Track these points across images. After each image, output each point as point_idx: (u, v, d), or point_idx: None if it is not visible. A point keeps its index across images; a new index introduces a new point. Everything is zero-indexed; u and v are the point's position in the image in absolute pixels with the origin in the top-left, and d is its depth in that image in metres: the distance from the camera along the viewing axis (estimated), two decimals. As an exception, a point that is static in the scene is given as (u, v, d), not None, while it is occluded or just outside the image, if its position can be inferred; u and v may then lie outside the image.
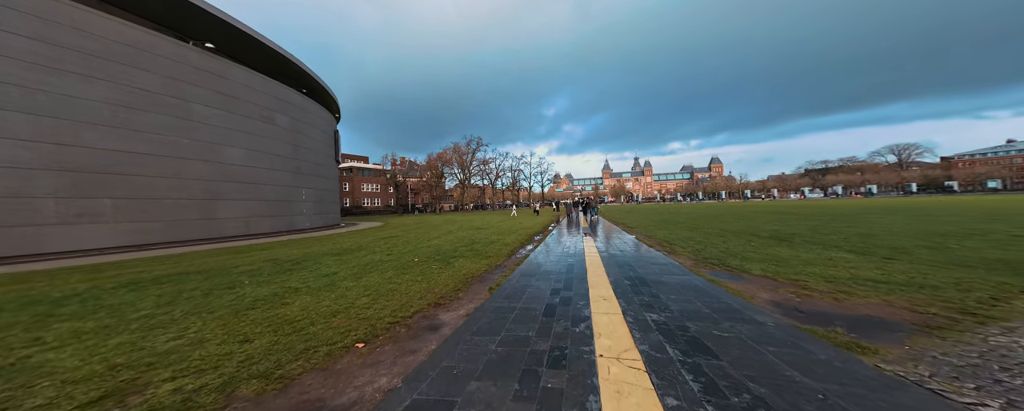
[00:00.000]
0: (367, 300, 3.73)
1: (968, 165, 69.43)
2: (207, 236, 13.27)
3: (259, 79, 15.99)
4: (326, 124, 22.18)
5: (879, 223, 9.33)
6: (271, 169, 16.22)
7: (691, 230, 9.95)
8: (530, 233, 11.51)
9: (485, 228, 14.31)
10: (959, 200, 24.17)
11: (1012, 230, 6.86)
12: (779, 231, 8.56)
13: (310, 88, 21.12)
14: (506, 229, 13.23)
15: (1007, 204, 15.78)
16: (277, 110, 16.85)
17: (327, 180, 21.79)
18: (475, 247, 8.17)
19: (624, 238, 8.92)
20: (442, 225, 17.83)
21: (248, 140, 15.18)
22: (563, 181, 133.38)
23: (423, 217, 33.73)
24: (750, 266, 4.65)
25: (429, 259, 6.55)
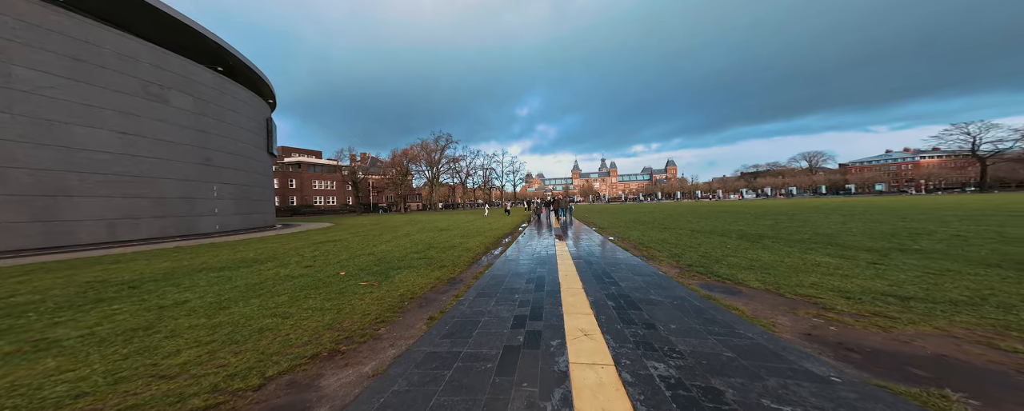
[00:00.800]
0: (190, 356, 2.23)
1: (859, 171, 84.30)
2: (47, 245, 9.83)
3: (145, 48, 12.44)
4: (253, 110, 18.53)
5: (825, 222, 9.88)
6: (161, 159, 12.72)
7: (662, 230, 9.64)
8: (498, 235, 10.38)
9: (449, 229, 12.86)
10: (861, 200, 28.55)
11: (950, 229, 7.45)
12: (744, 231, 8.53)
13: (230, 67, 17.40)
14: (473, 230, 11.94)
15: (899, 204, 18.63)
16: (174, 87, 13.35)
17: (255, 175, 18.23)
18: (430, 253, 6.79)
19: (598, 240, 8.21)
20: (402, 226, 15.92)
21: (122, 121, 11.68)
22: (535, 181, 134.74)
23: (384, 217, 30.74)
24: (742, 276, 4.02)
25: (362, 272, 5.05)
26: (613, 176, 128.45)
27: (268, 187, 20.47)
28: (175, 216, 13.16)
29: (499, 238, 9.60)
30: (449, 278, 4.74)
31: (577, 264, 5.27)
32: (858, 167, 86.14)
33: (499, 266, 5.44)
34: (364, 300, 3.61)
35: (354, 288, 4.11)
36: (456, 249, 7.36)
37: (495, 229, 12.20)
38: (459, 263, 5.81)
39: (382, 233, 12.16)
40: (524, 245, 7.84)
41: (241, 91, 17.24)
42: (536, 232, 10.75)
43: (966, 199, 22.70)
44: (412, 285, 4.25)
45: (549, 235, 9.76)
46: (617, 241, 7.89)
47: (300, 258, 6.60)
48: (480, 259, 6.35)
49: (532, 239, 8.99)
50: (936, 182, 65.23)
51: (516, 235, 10.32)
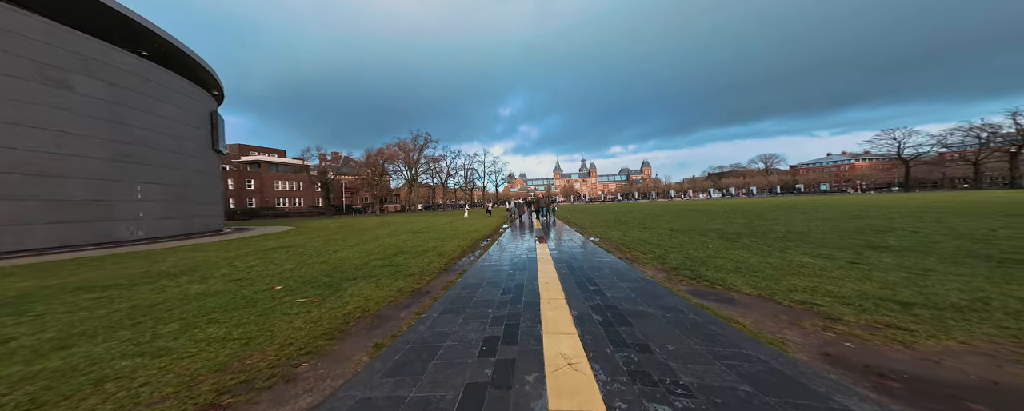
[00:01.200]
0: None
1: (806, 172, 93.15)
2: None
3: (38, 25, 10.33)
4: (192, 102, 16.25)
5: (791, 221, 10.30)
6: (60, 154, 10.57)
7: (642, 230, 9.52)
8: (477, 237, 9.75)
9: (425, 231, 12.00)
10: (811, 199, 31.22)
11: (906, 225, 7.91)
12: (722, 230, 8.59)
13: (160, 52, 15.10)
14: (450, 233, 11.19)
15: (845, 202, 20.35)
16: (81, 72, 11.23)
17: (195, 173, 16.00)
18: (397, 260, 6.03)
19: (579, 241, 7.86)
20: (372, 228, 14.75)
21: (8, 110, 9.56)
22: (517, 181, 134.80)
23: (356, 219, 28.79)
24: (732, 280, 3.75)
25: (305, 286, 4.23)
26: (593, 176, 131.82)
27: (214, 187, 18.15)
28: (82, 221, 11.05)
29: (478, 241, 8.98)
30: (413, 289, 4.08)
31: (559, 269, 4.81)
32: (805, 168, 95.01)
33: (474, 273, 4.84)
34: (293, 323, 2.87)
35: (285, 307, 3.32)
36: (428, 254, 6.65)
37: (474, 231, 11.55)
38: (429, 270, 5.14)
39: (347, 237, 11.06)
40: (504, 248, 7.30)
41: (175, 80, 15.04)
42: (518, 234, 10.25)
43: (896, 197, 25.53)
44: (365, 300, 3.55)
45: (531, 237, 9.30)
46: (599, 242, 7.58)
47: (231, 270, 5.55)
48: (454, 265, 5.72)
49: (513, 241, 8.48)
50: (868, 182, 73.62)
51: (496, 237, 9.76)
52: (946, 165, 55.77)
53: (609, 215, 17.92)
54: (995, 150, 42.62)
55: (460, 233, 10.93)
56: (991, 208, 11.45)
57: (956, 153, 49.98)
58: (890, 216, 10.14)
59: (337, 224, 20.55)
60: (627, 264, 5.02)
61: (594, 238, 8.38)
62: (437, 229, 12.97)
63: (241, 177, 43.05)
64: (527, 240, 8.57)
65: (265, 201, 44.11)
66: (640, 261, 5.25)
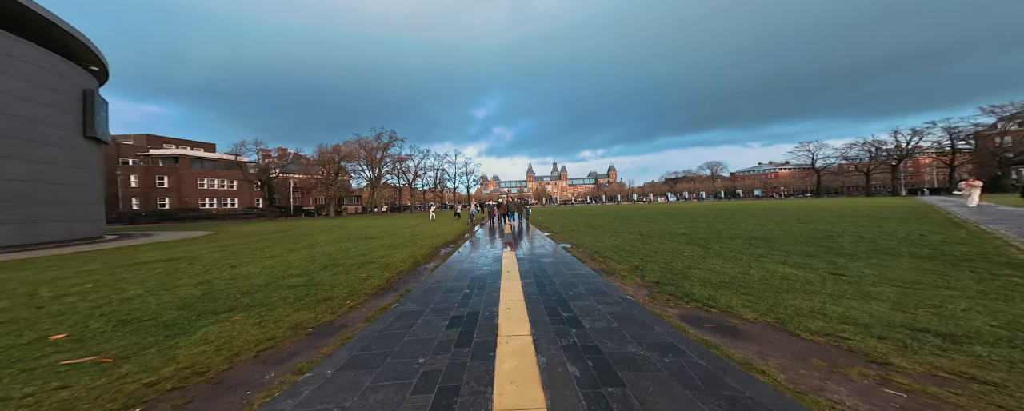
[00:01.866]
0: None
1: (743, 178, 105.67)
2: None
3: None
4: (51, 77, 12.44)
5: (746, 224, 10.66)
6: None
7: (614, 235, 9.08)
8: (439, 244, 8.53)
9: (378, 237, 10.38)
10: (750, 203, 34.84)
11: (847, 228, 8.40)
12: (689, 234, 8.45)
13: (6, 14, 11.38)
14: (408, 238, 9.75)
15: (779, 206, 22.77)
16: None
17: (53, 167, 12.29)
18: (321, 277, 4.68)
19: (551, 249, 7.10)
20: (316, 234, 12.62)
21: None
22: (490, 183, 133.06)
23: (301, 222, 25.24)
24: (725, 300, 3.16)
25: (118, 329, 2.78)
26: (564, 179, 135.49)
27: (88, 184, 14.23)
28: None
29: (438, 248, 7.80)
30: (318, 325, 2.87)
31: (526, 287, 3.90)
32: (742, 175, 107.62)
33: (419, 295, 3.73)
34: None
35: (28, 378, 1.92)
36: (369, 267, 5.34)
37: (437, 236, 10.25)
38: (360, 292, 3.91)
39: (273, 245, 9.08)
40: (465, 258, 6.23)
41: (20, 47, 11.43)
42: (486, 239, 9.22)
43: (814, 202, 29.47)
44: (215, 351, 2.28)
45: (499, 243, 8.33)
46: (572, 250, 6.88)
47: (11, 303, 3.73)
48: (397, 283, 4.53)
49: (478, 249, 7.44)
50: (789, 188, 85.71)
51: (461, 243, 8.64)
52: (845, 175, 66.97)
53: (580, 219, 17.68)
54: (881, 163, 51.95)
55: (419, 239, 9.58)
56: (896, 212, 13.14)
57: (852, 165, 60.03)
58: (828, 220, 11.01)
59: (273, 228, 17.58)
60: (604, 277, 4.29)
61: (566, 245, 7.69)
62: (394, 234, 11.41)
63: (149, 173, 35.85)
64: (494, 247, 7.60)
65: (184, 201, 37.27)
66: (617, 273, 4.57)
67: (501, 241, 8.69)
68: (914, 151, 46.35)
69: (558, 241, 8.34)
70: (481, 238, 9.55)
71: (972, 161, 43.30)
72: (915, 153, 46.66)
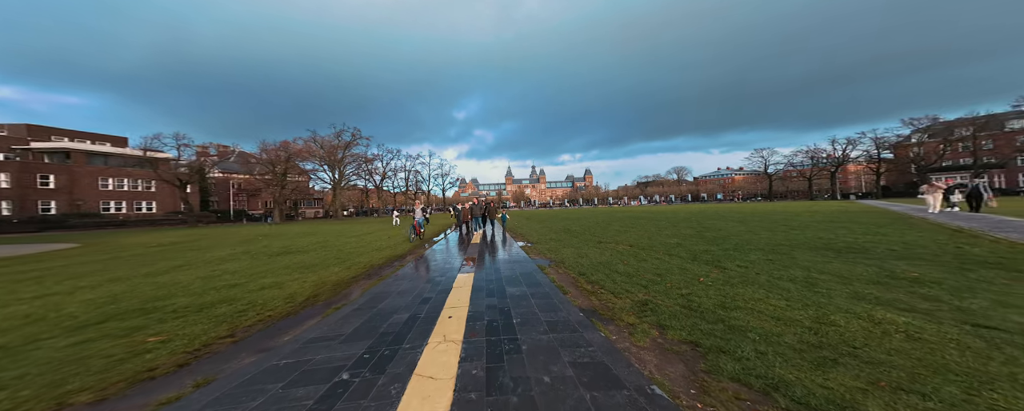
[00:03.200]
0: None
1: (705, 183, 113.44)
2: None
3: None
4: None
5: (734, 230, 9.79)
6: None
7: (599, 246, 7.61)
8: (377, 260, 6.58)
9: (304, 251, 8.14)
10: (717, 206, 36.32)
11: (835, 236, 7.63)
12: (685, 245, 7.21)
13: None
14: (339, 254, 7.57)
15: (743, 209, 23.49)
16: None
17: None
18: (132, 322, 2.53)
19: (524, 271, 5.39)
20: (218, 247, 10.07)
21: None
22: (469, 186, 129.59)
23: (227, 230, 20.98)
24: (823, 383, 1.61)
25: None
26: (542, 183, 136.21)
27: None
28: None
29: (374, 267, 5.84)
30: None
31: (468, 359, 2.08)
32: (704, 180, 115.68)
33: (251, 374, 1.75)
34: None
35: None
36: (211, 312, 3.23)
37: (381, 249, 8.17)
38: (109, 383, 1.84)
39: (116, 268, 6.37)
40: (399, 288, 4.34)
41: None
42: (445, 253, 7.28)
43: (771, 206, 31.21)
44: None
45: (459, 259, 6.43)
46: (552, 270, 5.23)
47: None
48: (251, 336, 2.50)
49: (427, 270, 5.52)
50: (744, 192, 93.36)
51: (409, 258, 6.63)
52: (789, 180, 73.91)
53: (558, 224, 16.24)
54: (821, 169, 57.75)
55: (355, 254, 7.41)
56: (873, 218, 13.25)
57: (796, 170, 66.31)
58: (814, 225, 10.50)
59: (175, 238, 14.02)
60: (601, 330, 2.63)
61: (544, 261, 6.02)
62: (328, 246, 9.03)
63: (27, 171, 28.82)
64: (451, 268, 5.70)
65: (77, 205, 30.45)
66: (618, 319, 2.94)
67: (462, 256, 6.81)
68: (848, 159, 51.92)
69: (534, 255, 6.66)
70: (439, 252, 7.58)
71: (893, 169, 49.35)
72: (849, 161, 52.31)
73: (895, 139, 46.90)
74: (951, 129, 42.94)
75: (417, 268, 5.79)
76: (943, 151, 42.65)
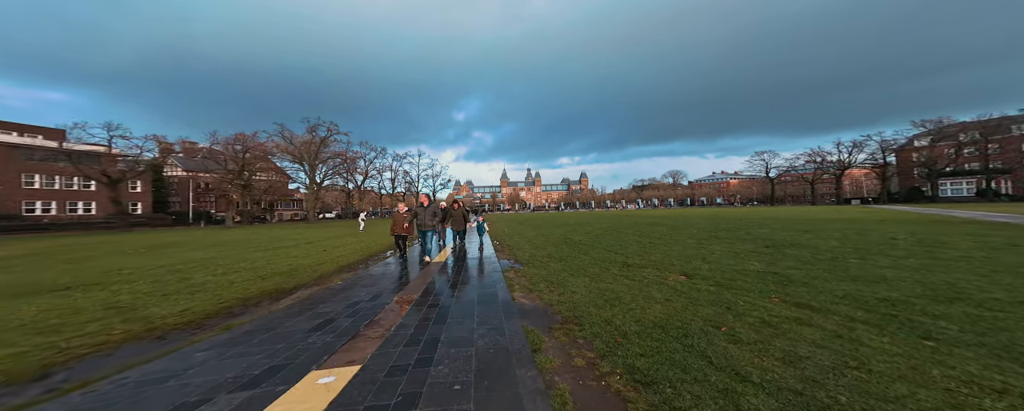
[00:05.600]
0: None
1: (701, 187, 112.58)
2: None
3: None
4: None
5: (831, 246, 7.19)
6: None
7: (628, 274, 4.82)
8: (225, 304, 3.48)
9: (202, 267, 5.03)
10: (719, 211, 34.12)
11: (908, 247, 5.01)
12: (787, 275, 4.49)
13: None
14: (215, 283, 4.66)
15: (752, 214, 21.05)
16: None
17: None
18: None
19: (492, 358, 2.42)
20: (103, 257, 6.65)
21: None
22: (463, 188, 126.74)
23: (153, 237, 17.45)
24: None
25: None
26: (537, 185, 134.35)
27: None
28: None
29: (208, 317, 2.79)
30: None
31: None
32: (700, 184, 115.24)
33: None
34: None
35: None
36: None
37: (272, 277, 5.12)
38: None
39: None
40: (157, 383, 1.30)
41: None
42: (361, 287, 4.29)
43: (775, 210, 29.17)
44: None
45: (365, 308, 3.50)
46: (562, 334, 2.32)
47: None
48: None
49: (271, 339, 2.52)
50: (740, 197, 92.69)
51: (283, 301, 3.65)
52: (787, 184, 72.85)
53: (556, 231, 13.42)
54: (825, 173, 56.67)
55: (217, 288, 4.46)
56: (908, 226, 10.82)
57: (799, 175, 65.26)
58: (846, 232, 7.96)
59: (72, 244, 10.68)
60: None
61: (538, 316, 3.14)
62: (210, 267, 6.02)
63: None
64: (350, 321, 2.76)
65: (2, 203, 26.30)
66: None
67: (374, 302, 3.87)
68: (854, 162, 50.79)
69: (521, 295, 3.78)
70: (357, 284, 4.65)
71: (898, 173, 48.31)
72: (855, 164, 51.20)
73: (903, 141, 45.81)
74: (957, 133, 42.00)
75: (248, 339, 2.86)
76: (955, 155, 41.55)
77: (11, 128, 31.30)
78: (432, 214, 6.41)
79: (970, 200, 38.86)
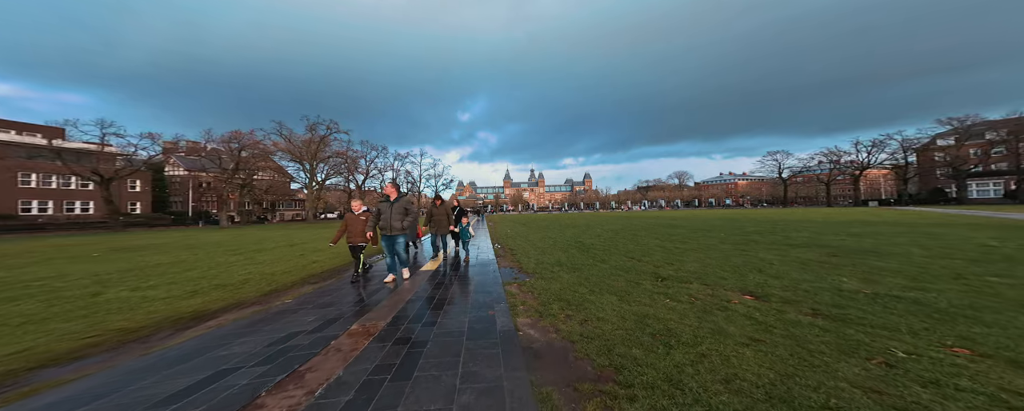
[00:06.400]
0: None
1: (707, 188, 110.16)
2: None
3: None
4: None
5: (920, 260, 5.88)
6: None
7: (665, 289, 3.68)
8: (154, 321, 2.49)
9: (111, 280, 4.15)
10: (735, 212, 32.55)
11: None
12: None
13: None
14: (144, 298, 3.58)
15: (775, 216, 19.85)
16: None
17: None
18: None
19: None
20: (22, 267, 5.63)
21: None
22: (466, 189, 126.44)
23: (160, 235, 16.60)
24: None
25: None
26: (541, 186, 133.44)
27: None
28: None
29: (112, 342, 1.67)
30: None
31: None
32: (706, 185, 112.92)
33: None
34: None
35: None
36: None
37: (255, 281, 4.10)
38: None
39: None
40: None
41: None
42: (344, 293, 3.22)
43: (795, 212, 27.57)
44: None
45: (341, 330, 2.35)
46: None
47: None
48: None
49: None
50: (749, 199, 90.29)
51: (236, 311, 2.54)
52: (800, 185, 70.40)
53: (564, 233, 12.24)
54: (842, 173, 54.53)
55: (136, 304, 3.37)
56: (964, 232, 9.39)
57: (812, 175, 63.01)
58: (911, 237, 6.64)
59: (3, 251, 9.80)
60: None
61: (555, 336, 2.01)
62: (166, 273, 4.97)
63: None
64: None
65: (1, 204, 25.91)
66: None
67: (348, 326, 2.72)
68: (874, 162, 48.64)
69: (526, 320, 2.62)
70: (309, 309, 3.53)
71: (919, 174, 46.11)
72: (873, 165, 49.05)
73: (926, 140, 43.69)
74: (984, 131, 39.82)
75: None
76: (987, 154, 39.33)
77: (9, 126, 31.07)
78: (401, 212, 4.36)
79: (998, 201, 36.73)
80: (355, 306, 3.45)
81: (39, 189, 29.25)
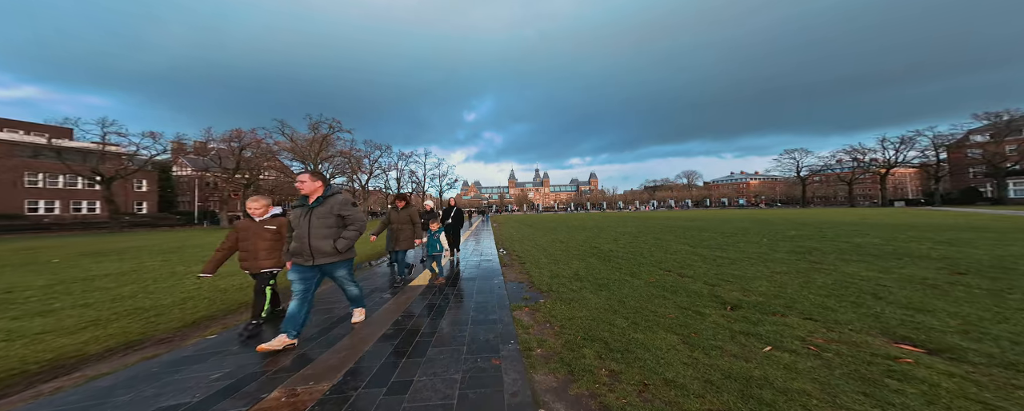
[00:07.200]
0: None
1: (717, 187, 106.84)
2: None
3: None
4: None
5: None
6: None
7: (699, 317, 2.54)
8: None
9: (15, 302, 2.92)
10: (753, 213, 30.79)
11: None
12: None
13: None
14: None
15: (797, 216, 18.26)
16: None
17: None
18: None
19: None
20: None
21: None
22: (471, 189, 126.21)
23: (153, 236, 16.02)
24: None
25: None
26: (546, 186, 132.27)
27: None
28: None
29: None
30: None
31: None
32: (716, 185, 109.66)
33: None
34: None
35: None
36: None
37: (189, 303, 3.14)
38: None
39: None
40: None
41: None
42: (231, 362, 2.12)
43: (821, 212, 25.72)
44: None
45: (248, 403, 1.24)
46: None
47: None
48: None
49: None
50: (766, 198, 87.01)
51: (117, 358, 1.46)
52: (817, 185, 67.25)
53: (575, 236, 11.07)
54: (867, 171, 51.72)
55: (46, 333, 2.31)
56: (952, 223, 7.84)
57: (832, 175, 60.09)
58: (998, 243, 5.25)
59: None
60: None
61: None
62: (102, 288, 3.97)
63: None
64: None
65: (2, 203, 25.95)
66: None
67: (266, 393, 1.62)
68: (903, 160, 45.89)
69: (549, 382, 1.49)
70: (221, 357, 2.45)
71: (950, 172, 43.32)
72: (903, 162, 46.25)
73: (961, 136, 40.94)
74: (1022, 127, 36.95)
75: None
76: None
77: (18, 126, 31.33)
78: (323, 218, 2.46)
79: (1043, 202, 33.98)
80: (298, 345, 2.37)
81: (45, 189, 29.33)
